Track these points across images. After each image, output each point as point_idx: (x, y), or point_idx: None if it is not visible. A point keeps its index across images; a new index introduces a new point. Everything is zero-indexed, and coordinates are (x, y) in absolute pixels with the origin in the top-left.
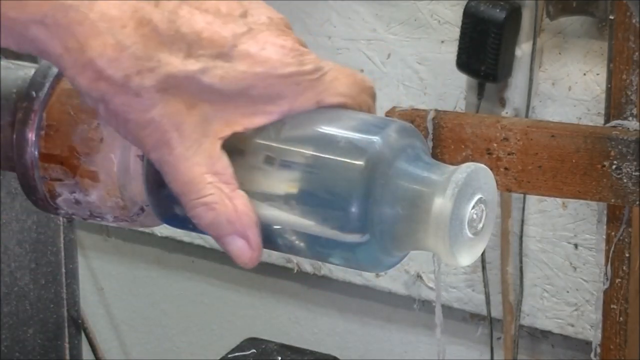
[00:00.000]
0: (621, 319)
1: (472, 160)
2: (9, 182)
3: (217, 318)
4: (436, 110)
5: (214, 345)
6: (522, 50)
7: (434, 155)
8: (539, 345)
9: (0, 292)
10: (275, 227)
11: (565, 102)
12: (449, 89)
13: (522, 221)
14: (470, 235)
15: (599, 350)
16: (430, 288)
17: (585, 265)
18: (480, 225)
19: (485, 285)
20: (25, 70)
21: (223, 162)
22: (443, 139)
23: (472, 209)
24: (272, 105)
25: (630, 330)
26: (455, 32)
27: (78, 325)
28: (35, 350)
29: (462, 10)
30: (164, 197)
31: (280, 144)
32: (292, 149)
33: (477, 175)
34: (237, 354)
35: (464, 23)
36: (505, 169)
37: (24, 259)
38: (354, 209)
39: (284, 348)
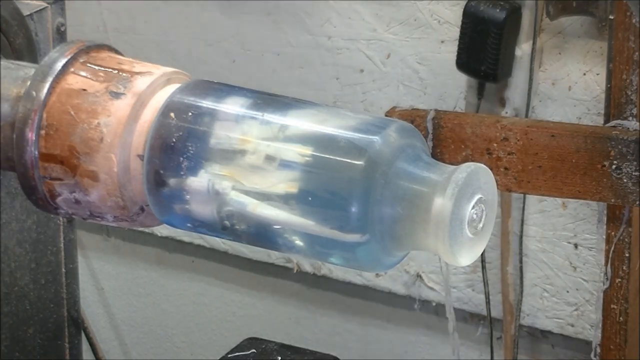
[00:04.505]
0: (621, 319)
1: (472, 160)
2: (9, 182)
3: (217, 318)
4: (436, 110)
5: (214, 345)
6: (522, 50)
7: (434, 155)
8: (539, 345)
9: (0, 292)
10: (275, 227)
11: (565, 102)
12: (449, 89)
13: (522, 221)
14: (470, 235)
15: (599, 350)
16: (431, 288)
17: (585, 265)
18: (480, 225)
19: (485, 285)
20: (25, 70)
21: None
22: (443, 139)
23: (472, 209)
24: None
25: (630, 330)
26: (455, 32)
27: (78, 325)
28: (35, 350)
29: (462, 10)
30: (164, 197)
31: (280, 144)
32: (292, 148)
33: (477, 175)
34: (237, 354)
35: (463, 23)
36: (505, 169)
37: (24, 259)
38: (354, 209)
39: (284, 348)
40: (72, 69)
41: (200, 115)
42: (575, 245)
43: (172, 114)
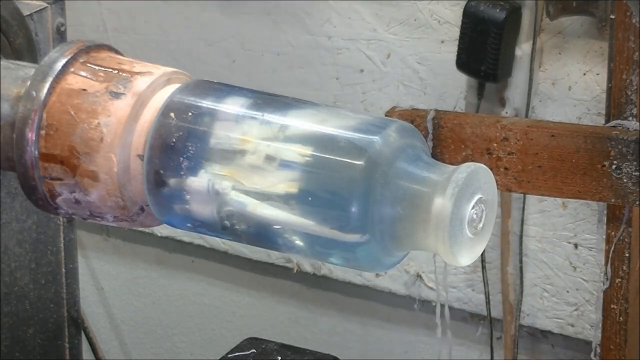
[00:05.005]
0: (621, 319)
1: (472, 160)
2: (9, 182)
3: (217, 318)
4: (436, 110)
5: (214, 345)
6: (522, 50)
7: (434, 155)
8: (539, 345)
9: (0, 292)
10: (275, 227)
11: (565, 102)
12: (449, 89)
13: (522, 221)
14: (470, 235)
15: (599, 350)
16: (431, 288)
17: (585, 265)
18: (480, 225)
19: (485, 285)
20: (25, 70)
21: None
22: (443, 139)
23: (472, 209)
24: None
25: (630, 330)
26: (455, 32)
27: (78, 325)
28: (35, 350)
29: (462, 10)
30: (164, 197)
31: (280, 144)
32: (292, 148)
33: (477, 175)
34: (237, 354)
35: (463, 23)
36: (505, 169)
37: (24, 259)
38: (354, 209)
39: (284, 348)
40: (72, 69)
41: (200, 115)
42: (575, 245)
43: (172, 114)
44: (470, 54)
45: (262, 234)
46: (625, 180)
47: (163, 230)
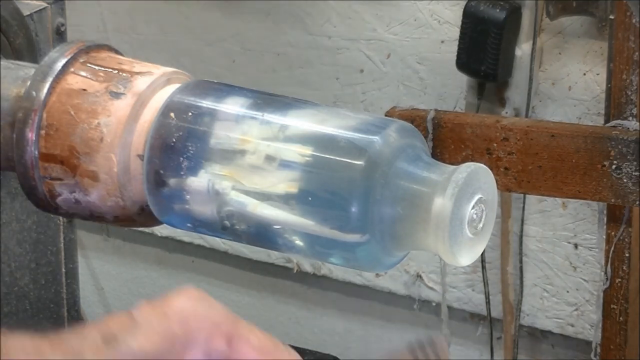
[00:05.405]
0: (621, 319)
1: (472, 160)
2: (9, 182)
3: None
4: (436, 110)
5: None
6: (522, 50)
7: (434, 155)
8: (539, 345)
9: (0, 292)
10: (275, 227)
11: (565, 102)
12: (449, 89)
13: (522, 221)
14: (470, 235)
15: (599, 350)
16: (431, 288)
17: (585, 265)
18: (480, 225)
19: (485, 285)
20: (25, 70)
21: None
22: (443, 139)
23: (472, 209)
24: None
25: (630, 330)
26: (455, 32)
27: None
28: None
29: (462, 10)
30: (164, 197)
31: (280, 144)
32: (292, 148)
33: (477, 175)
34: None
35: (463, 23)
36: (505, 169)
37: (24, 259)
38: (354, 209)
39: None
40: (72, 69)
41: (200, 115)
42: (575, 245)
43: (172, 114)
44: (470, 54)
45: (262, 234)
46: (625, 180)
47: (163, 230)
